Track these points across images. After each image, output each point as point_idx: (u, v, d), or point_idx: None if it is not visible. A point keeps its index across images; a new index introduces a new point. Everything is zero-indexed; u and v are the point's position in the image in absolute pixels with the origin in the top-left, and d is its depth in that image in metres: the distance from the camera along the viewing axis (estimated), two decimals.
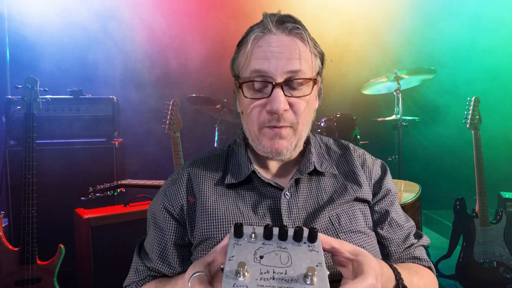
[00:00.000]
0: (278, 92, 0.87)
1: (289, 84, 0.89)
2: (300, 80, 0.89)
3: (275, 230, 0.63)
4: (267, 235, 0.62)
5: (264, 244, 0.61)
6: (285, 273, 0.56)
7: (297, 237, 0.62)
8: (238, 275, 0.54)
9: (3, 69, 3.68)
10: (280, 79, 0.87)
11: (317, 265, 0.58)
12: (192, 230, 0.95)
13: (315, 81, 0.93)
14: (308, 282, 0.55)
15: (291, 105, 0.90)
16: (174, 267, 0.97)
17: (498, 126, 4.13)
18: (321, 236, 0.66)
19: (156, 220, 1.01)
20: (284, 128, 0.90)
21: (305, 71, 0.90)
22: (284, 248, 0.61)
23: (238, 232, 0.62)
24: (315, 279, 0.55)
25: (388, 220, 1.01)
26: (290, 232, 0.63)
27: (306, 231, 0.64)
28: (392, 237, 1.01)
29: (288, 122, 0.90)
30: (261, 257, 0.58)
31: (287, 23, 0.91)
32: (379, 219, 1.02)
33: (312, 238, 0.62)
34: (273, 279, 0.55)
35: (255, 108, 0.91)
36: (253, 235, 0.62)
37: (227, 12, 4.14)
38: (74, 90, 2.94)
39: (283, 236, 0.62)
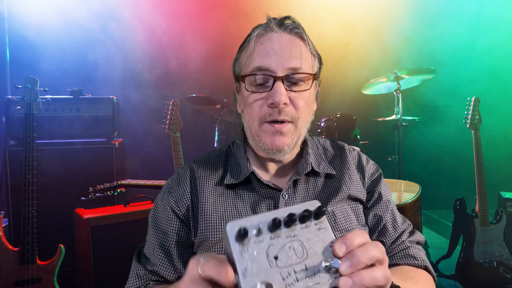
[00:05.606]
0: (279, 85, 0.89)
1: (289, 79, 0.91)
2: (300, 76, 0.91)
3: (279, 214, 0.56)
4: (273, 227, 0.55)
5: (272, 238, 0.54)
6: (306, 269, 0.53)
7: (304, 218, 0.56)
8: None
9: (3, 69, 3.68)
10: (281, 74, 0.90)
11: (330, 245, 0.56)
12: (195, 232, 0.95)
13: (314, 77, 0.95)
14: (332, 271, 0.53)
15: (291, 100, 0.91)
16: (178, 269, 0.96)
17: (498, 126, 4.13)
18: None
19: (157, 223, 1.00)
20: (285, 124, 0.91)
21: (305, 69, 0.92)
22: (294, 236, 0.55)
23: (240, 235, 0.52)
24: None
25: (380, 228, 1.02)
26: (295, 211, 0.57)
27: (312, 205, 0.58)
28: (383, 240, 1.01)
29: (289, 116, 0.91)
30: (276, 257, 0.53)
31: (288, 23, 0.95)
32: (373, 227, 1.02)
33: (318, 215, 0.57)
34: (298, 281, 0.52)
35: (256, 102, 0.92)
36: (255, 231, 0.53)
37: (227, 12, 4.14)
38: (74, 90, 2.94)
39: (290, 223, 0.56)
